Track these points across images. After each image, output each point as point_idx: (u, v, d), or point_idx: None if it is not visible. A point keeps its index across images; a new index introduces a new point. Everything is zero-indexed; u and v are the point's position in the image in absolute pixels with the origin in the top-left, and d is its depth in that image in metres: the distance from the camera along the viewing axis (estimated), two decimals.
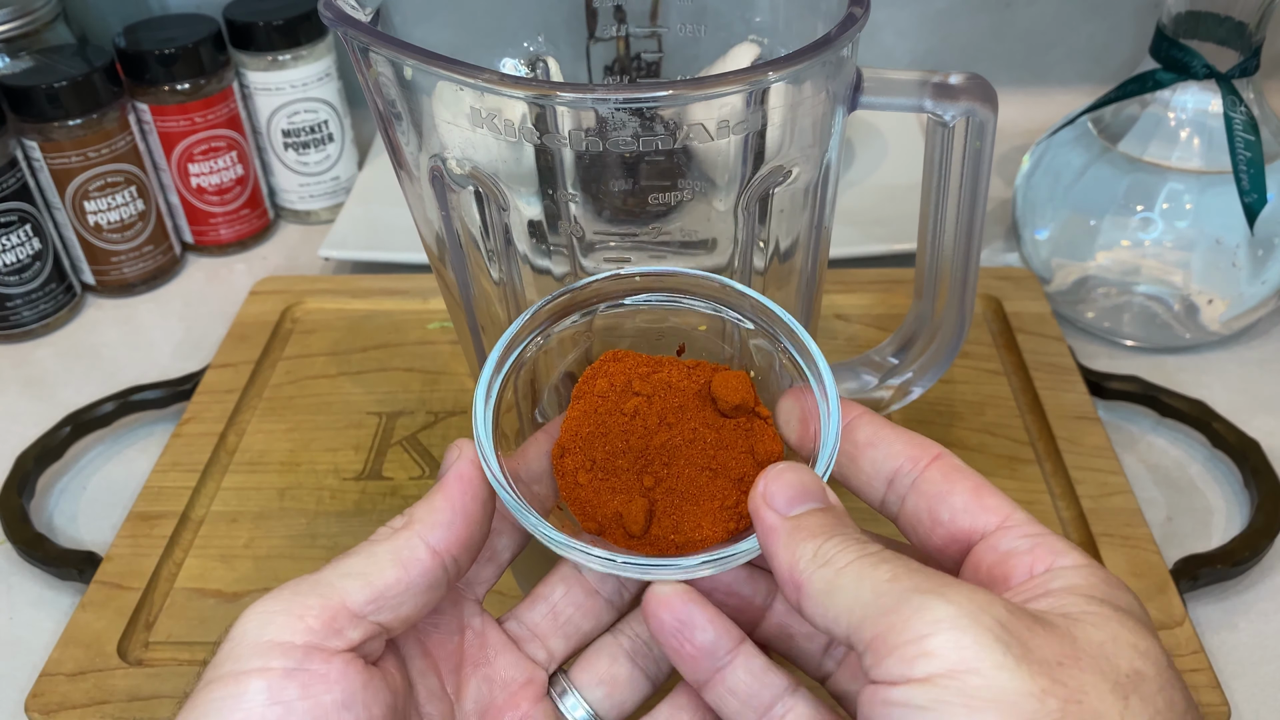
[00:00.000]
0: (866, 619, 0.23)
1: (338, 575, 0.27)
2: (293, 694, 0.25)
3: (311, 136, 0.70)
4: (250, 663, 0.25)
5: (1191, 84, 0.53)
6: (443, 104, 0.31)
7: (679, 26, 0.40)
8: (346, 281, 0.63)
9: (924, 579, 0.23)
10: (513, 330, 0.31)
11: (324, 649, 0.26)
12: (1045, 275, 0.60)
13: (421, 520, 0.28)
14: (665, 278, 0.32)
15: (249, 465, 0.52)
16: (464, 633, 0.30)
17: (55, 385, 0.61)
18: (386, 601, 0.27)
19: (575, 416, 0.30)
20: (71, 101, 0.60)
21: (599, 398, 0.30)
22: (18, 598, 0.48)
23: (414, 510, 0.28)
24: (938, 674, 0.22)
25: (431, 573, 0.27)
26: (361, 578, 0.27)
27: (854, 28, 0.31)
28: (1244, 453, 0.49)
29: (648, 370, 0.31)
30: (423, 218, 0.36)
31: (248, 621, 0.26)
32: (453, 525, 0.28)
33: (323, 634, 0.26)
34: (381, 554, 0.27)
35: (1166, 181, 0.54)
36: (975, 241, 0.38)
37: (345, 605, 0.26)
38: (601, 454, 0.30)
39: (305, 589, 0.26)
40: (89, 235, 0.64)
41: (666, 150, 0.30)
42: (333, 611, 0.26)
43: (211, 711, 0.25)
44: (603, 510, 0.29)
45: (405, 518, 0.28)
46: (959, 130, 0.35)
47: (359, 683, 0.26)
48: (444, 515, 0.28)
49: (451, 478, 0.28)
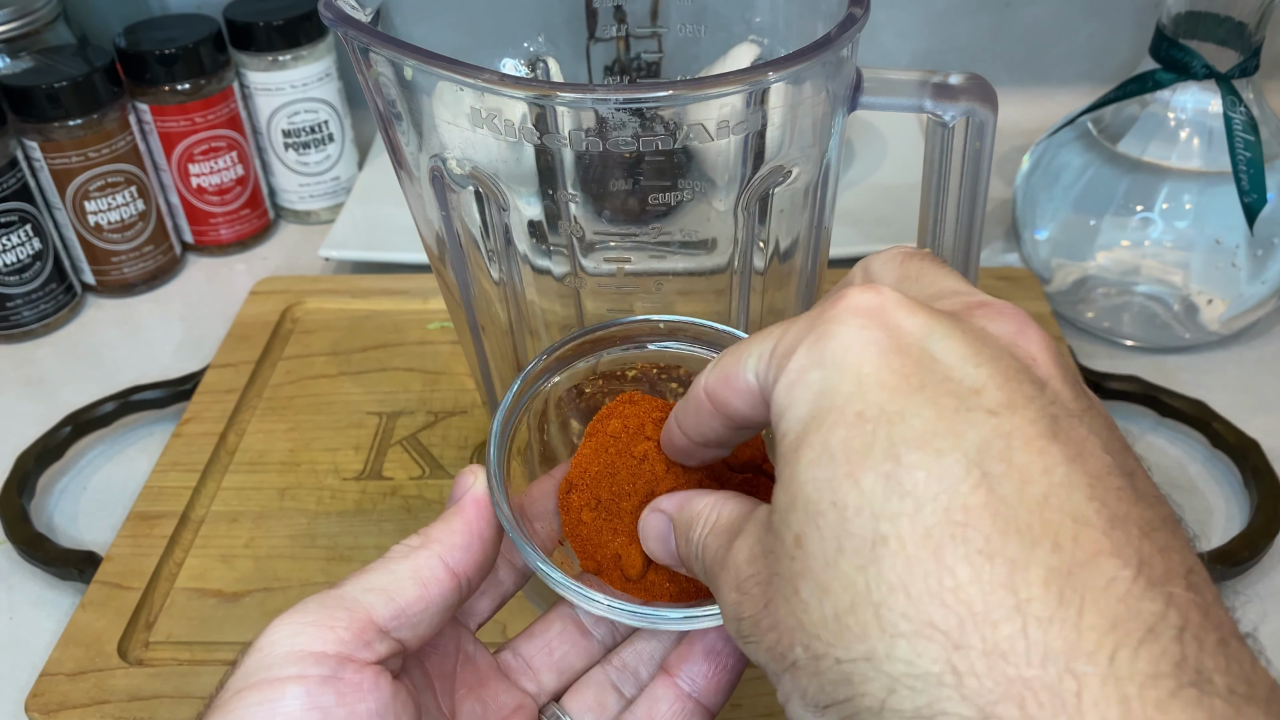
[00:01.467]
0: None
1: (361, 590, 0.27)
2: (329, 700, 0.25)
3: (311, 136, 0.70)
4: (285, 670, 0.25)
5: (1191, 84, 0.53)
6: (443, 104, 0.31)
7: (679, 27, 0.40)
8: (346, 281, 0.63)
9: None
10: (531, 368, 0.32)
11: (356, 659, 0.26)
12: (1045, 275, 0.60)
13: (440, 541, 0.28)
14: (686, 327, 0.33)
15: (249, 465, 0.52)
16: (459, 655, 0.31)
17: (55, 385, 0.61)
18: (407, 619, 0.27)
19: (586, 454, 0.31)
20: (72, 101, 0.60)
21: (611, 438, 0.30)
22: (18, 598, 0.48)
23: (431, 531, 0.28)
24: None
25: (449, 593, 0.28)
26: (384, 594, 0.27)
27: (854, 28, 0.31)
28: (1244, 453, 0.49)
29: (662, 416, 0.31)
30: (423, 218, 0.36)
31: (276, 633, 0.26)
32: (470, 548, 0.28)
33: (354, 645, 0.26)
34: (402, 572, 0.27)
35: (1166, 181, 0.54)
36: (975, 241, 0.38)
37: (372, 619, 0.26)
38: (607, 494, 0.30)
39: (331, 603, 0.26)
40: (89, 235, 0.64)
41: (666, 150, 0.30)
42: (361, 624, 0.26)
43: (248, 715, 0.24)
44: (603, 551, 0.30)
45: (421, 537, 0.28)
46: (959, 130, 0.35)
47: (389, 694, 0.26)
48: (462, 538, 0.28)
49: (469, 501, 0.29)
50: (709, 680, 0.29)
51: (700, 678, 0.29)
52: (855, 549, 0.20)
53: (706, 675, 0.29)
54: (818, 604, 0.20)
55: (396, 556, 0.28)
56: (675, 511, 0.28)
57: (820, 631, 0.20)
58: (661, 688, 0.30)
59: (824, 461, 0.21)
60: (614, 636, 0.32)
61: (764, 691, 0.40)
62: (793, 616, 0.21)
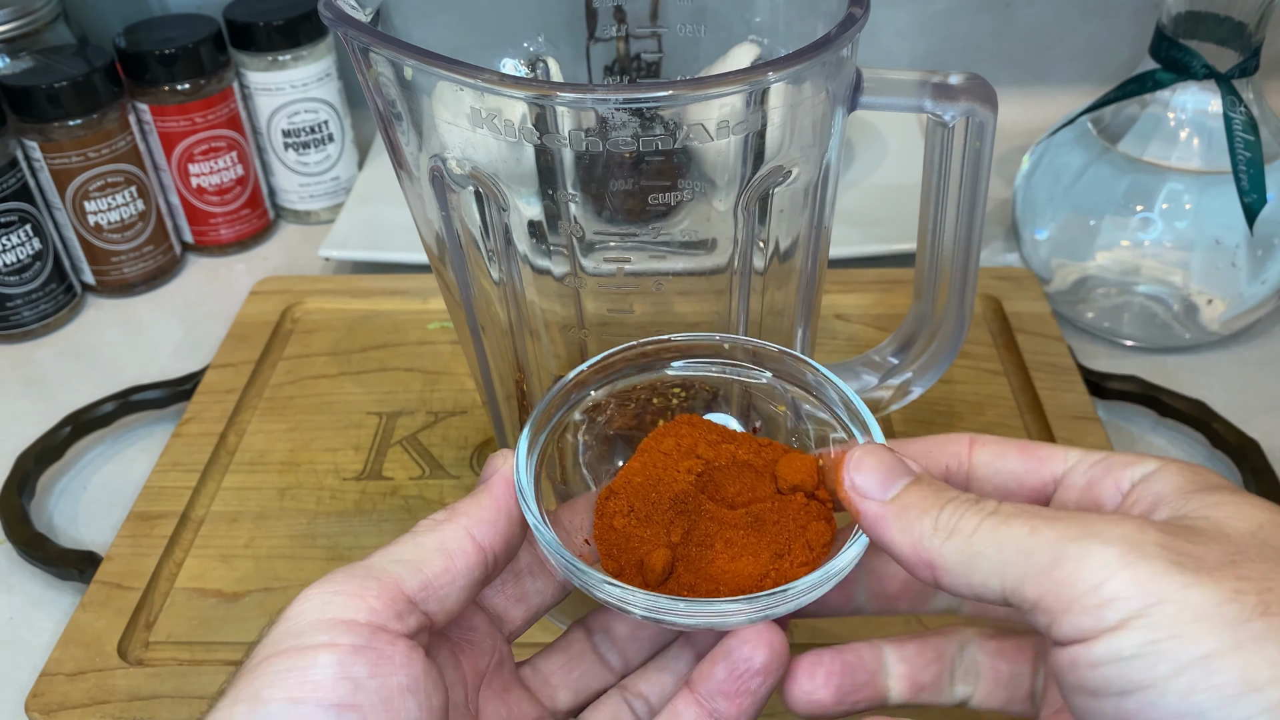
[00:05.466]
0: (1025, 579, 0.23)
1: (388, 561, 0.27)
2: (362, 671, 0.24)
3: (311, 136, 0.70)
4: (317, 637, 0.24)
5: (1191, 84, 0.53)
6: (443, 104, 0.31)
7: (679, 27, 0.40)
8: (346, 281, 0.63)
9: (1064, 524, 0.23)
10: (565, 382, 0.31)
11: (388, 630, 0.25)
12: (1045, 275, 0.60)
13: (466, 514, 0.28)
14: (717, 345, 0.33)
15: (249, 465, 0.52)
16: (494, 657, 0.30)
17: (55, 385, 0.61)
18: (434, 591, 0.27)
19: (633, 467, 0.30)
20: (72, 101, 0.60)
21: (662, 454, 0.30)
22: (18, 598, 0.48)
23: (458, 505, 0.28)
24: (1130, 617, 0.21)
25: (475, 567, 0.27)
26: (412, 565, 0.27)
27: (854, 28, 0.31)
28: (1244, 453, 0.49)
29: (717, 439, 0.31)
30: (423, 218, 0.36)
31: (307, 601, 0.25)
32: (496, 522, 0.28)
33: (385, 615, 0.25)
34: (428, 543, 0.27)
35: (1166, 181, 0.54)
36: (975, 241, 0.38)
37: (401, 590, 0.26)
38: (643, 503, 0.30)
39: (360, 573, 0.26)
40: (89, 235, 0.64)
41: (666, 150, 0.30)
42: (391, 594, 0.26)
43: (277, 681, 0.24)
44: (628, 555, 0.29)
45: (448, 512, 0.28)
46: (959, 130, 0.35)
47: (421, 669, 0.25)
48: (489, 512, 0.28)
49: (498, 479, 0.29)
50: (731, 703, 0.28)
51: (721, 697, 0.28)
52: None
53: (727, 694, 0.28)
54: None
55: (423, 530, 0.28)
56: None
57: None
58: (683, 704, 0.29)
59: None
60: (627, 663, 0.31)
61: None
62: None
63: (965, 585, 0.24)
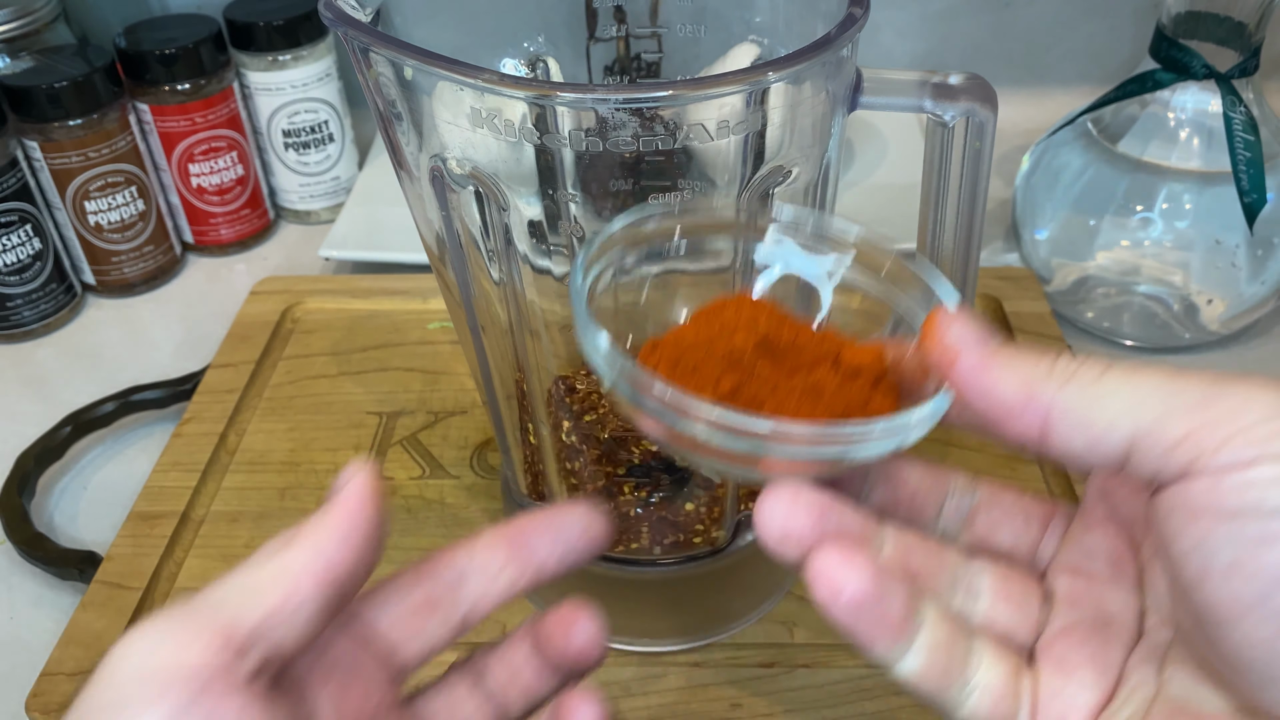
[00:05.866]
0: (1169, 414, 0.22)
1: (226, 592, 0.24)
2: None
3: (312, 136, 0.70)
4: (142, 692, 0.22)
5: (1191, 84, 0.53)
6: (443, 104, 0.31)
7: (679, 27, 0.40)
8: (346, 281, 0.63)
9: (1209, 376, 0.22)
10: (616, 227, 0.29)
11: (222, 678, 0.23)
12: (1045, 275, 0.60)
13: (313, 532, 0.26)
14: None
15: (249, 465, 0.52)
16: (377, 690, 0.28)
17: (55, 385, 0.61)
18: (281, 620, 0.24)
19: (687, 327, 0.28)
20: (72, 101, 0.60)
21: (720, 321, 0.28)
22: (18, 598, 0.48)
23: (304, 523, 0.26)
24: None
25: (323, 587, 0.25)
26: (252, 593, 0.24)
27: (854, 28, 0.31)
28: None
29: (779, 320, 0.28)
30: (423, 218, 0.36)
31: (129, 647, 0.23)
32: (348, 539, 0.26)
33: (221, 658, 0.23)
34: (270, 569, 0.25)
35: (1166, 181, 0.54)
36: (975, 241, 0.38)
37: (238, 626, 0.24)
38: (689, 358, 0.27)
39: (192, 610, 0.24)
40: (89, 235, 0.64)
41: (666, 150, 0.30)
42: (227, 633, 0.23)
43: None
44: None
45: (294, 531, 0.26)
46: (959, 130, 0.35)
47: (260, 713, 0.23)
48: (338, 530, 0.26)
49: (349, 491, 0.26)
50: None
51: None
52: None
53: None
54: None
55: (265, 554, 0.25)
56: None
57: None
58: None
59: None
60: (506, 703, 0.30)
61: (764, 692, 0.40)
62: None
63: (1083, 430, 0.23)
